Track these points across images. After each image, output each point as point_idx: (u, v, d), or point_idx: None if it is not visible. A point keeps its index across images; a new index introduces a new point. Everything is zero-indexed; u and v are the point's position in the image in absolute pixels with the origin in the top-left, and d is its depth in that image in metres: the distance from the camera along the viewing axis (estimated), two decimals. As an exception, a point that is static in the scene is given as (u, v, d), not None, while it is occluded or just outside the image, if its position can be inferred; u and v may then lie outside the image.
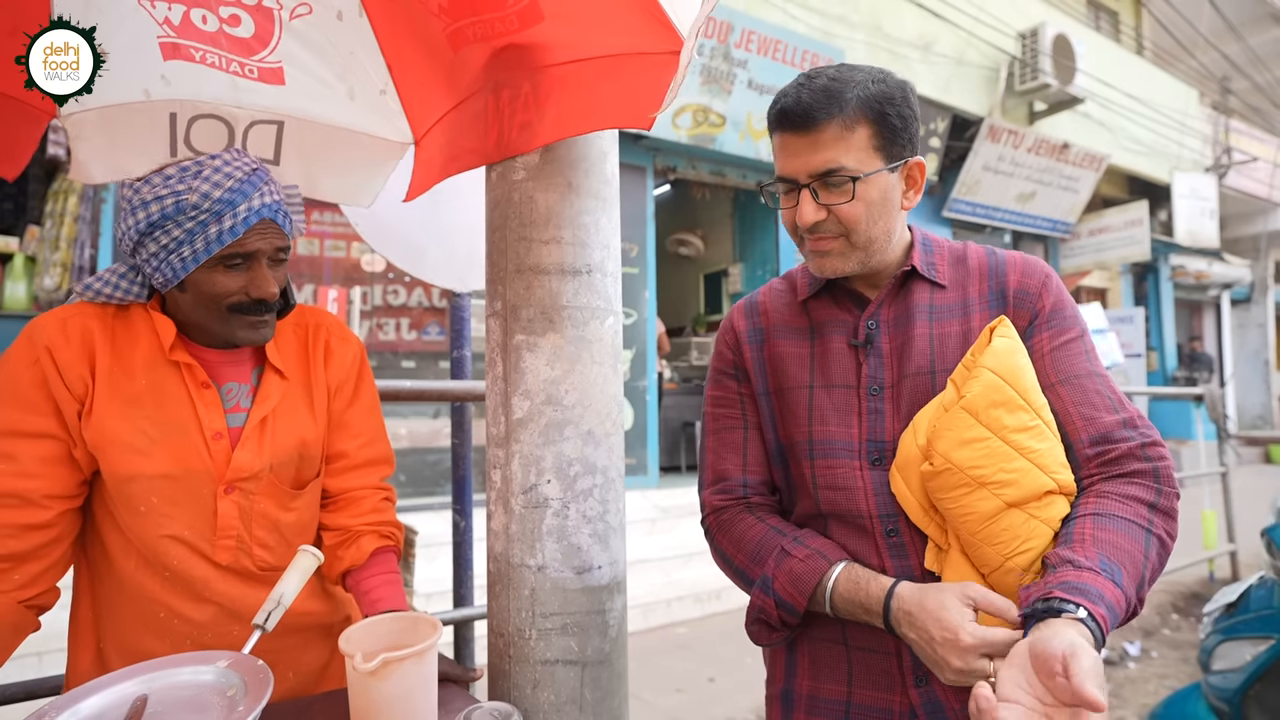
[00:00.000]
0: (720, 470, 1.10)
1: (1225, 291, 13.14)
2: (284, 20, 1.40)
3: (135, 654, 1.07)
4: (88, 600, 1.14)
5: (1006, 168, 8.57)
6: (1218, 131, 11.72)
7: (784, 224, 1.04)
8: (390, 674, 0.90)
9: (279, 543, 1.16)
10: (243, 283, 1.09)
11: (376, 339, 5.47)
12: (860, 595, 0.94)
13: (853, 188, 0.95)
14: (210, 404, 1.11)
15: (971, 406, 0.90)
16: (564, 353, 1.09)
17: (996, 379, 0.90)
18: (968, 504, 0.89)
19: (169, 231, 1.04)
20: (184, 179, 1.06)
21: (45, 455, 1.04)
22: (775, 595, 0.98)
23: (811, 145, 0.95)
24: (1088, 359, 0.98)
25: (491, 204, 1.17)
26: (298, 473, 1.19)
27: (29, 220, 4.79)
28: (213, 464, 1.10)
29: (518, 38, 1.13)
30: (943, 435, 0.91)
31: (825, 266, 1.01)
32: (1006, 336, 0.95)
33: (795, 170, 0.97)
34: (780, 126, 0.98)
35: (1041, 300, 1.01)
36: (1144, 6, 11.86)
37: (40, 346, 1.06)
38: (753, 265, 8.06)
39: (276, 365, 1.17)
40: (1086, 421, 0.93)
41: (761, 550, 1.02)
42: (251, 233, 1.08)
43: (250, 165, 1.11)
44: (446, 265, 2.08)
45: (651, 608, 4.66)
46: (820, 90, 0.94)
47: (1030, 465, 0.89)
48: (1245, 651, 1.90)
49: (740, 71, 6.31)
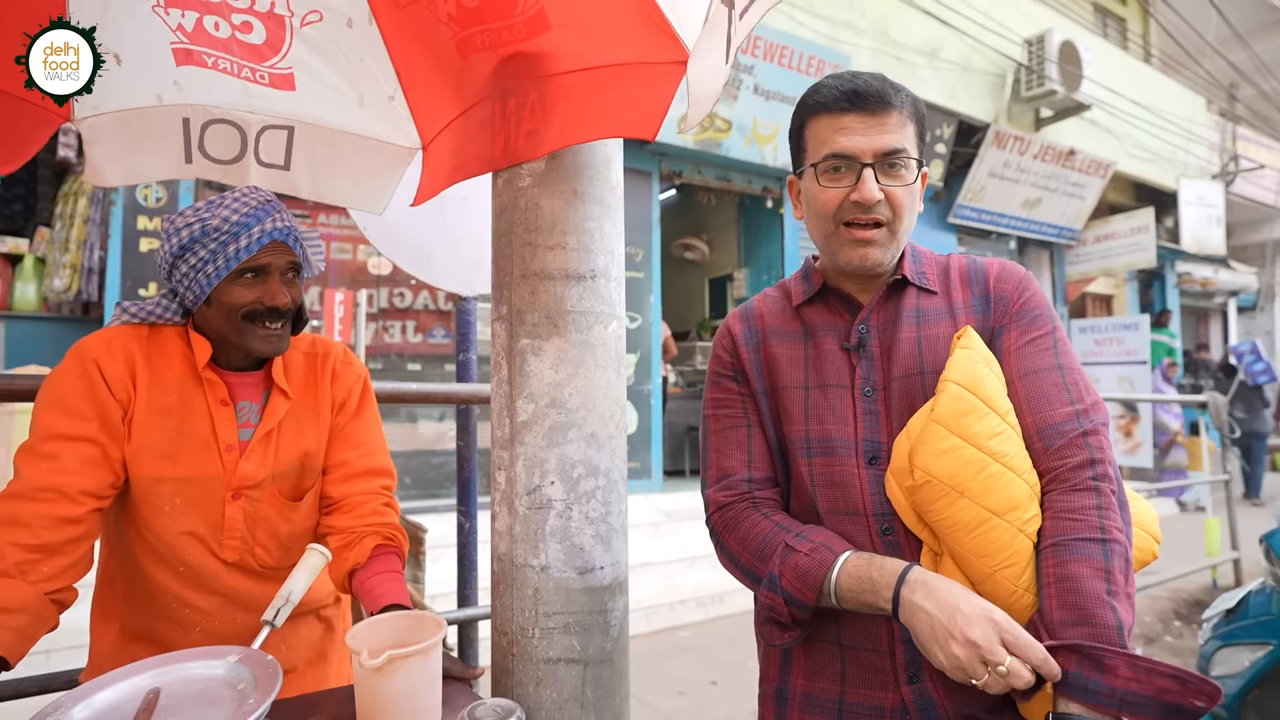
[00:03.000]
0: (724, 467, 1.10)
1: (1232, 299, 13.10)
2: (295, 27, 1.42)
3: (148, 637, 1.24)
4: (109, 594, 1.27)
5: (1012, 174, 8.56)
6: (1225, 138, 11.68)
7: (819, 207, 1.03)
8: (396, 670, 0.92)
9: (277, 547, 1.29)
10: (258, 293, 1.22)
11: (382, 341, 5.49)
12: (872, 570, 0.92)
13: (914, 170, 1.00)
14: (226, 419, 1.24)
15: (941, 418, 0.92)
16: (568, 357, 1.11)
17: (960, 389, 0.93)
18: (952, 515, 0.91)
19: (196, 253, 1.19)
20: (209, 208, 1.21)
21: (85, 456, 1.13)
22: (784, 592, 0.97)
23: (880, 126, 0.99)
24: (1054, 354, 1.00)
25: (498, 210, 1.19)
26: (299, 481, 1.31)
27: (39, 222, 4.83)
28: (224, 472, 1.23)
29: (525, 46, 1.15)
30: (920, 450, 0.93)
31: (868, 256, 1.02)
32: (967, 348, 0.97)
33: (860, 149, 0.99)
34: (842, 107, 1.00)
35: (1013, 300, 1.04)
36: (1151, 13, 11.85)
37: (89, 359, 1.18)
38: (758, 270, 8.07)
39: (283, 387, 1.30)
40: (1035, 415, 0.96)
41: (766, 547, 1.01)
42: (264, 251, 1.22)
43: (264, 197, 1.25)
44: (453, 269, 2.10)
45: (654, 611, 4.67)
46: (884, 80, 1.00)
47: (1004, 469, 0.91)
48: (1243, 657, 1.90)
49: (746, 77, 6.33)
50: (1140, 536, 1.05)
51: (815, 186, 1.03)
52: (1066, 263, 10.31)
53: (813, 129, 1.03)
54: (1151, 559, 1.05)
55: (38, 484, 1.08)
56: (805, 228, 1.14)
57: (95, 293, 4.49)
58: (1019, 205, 8.92)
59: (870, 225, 1.01)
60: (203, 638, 1.23)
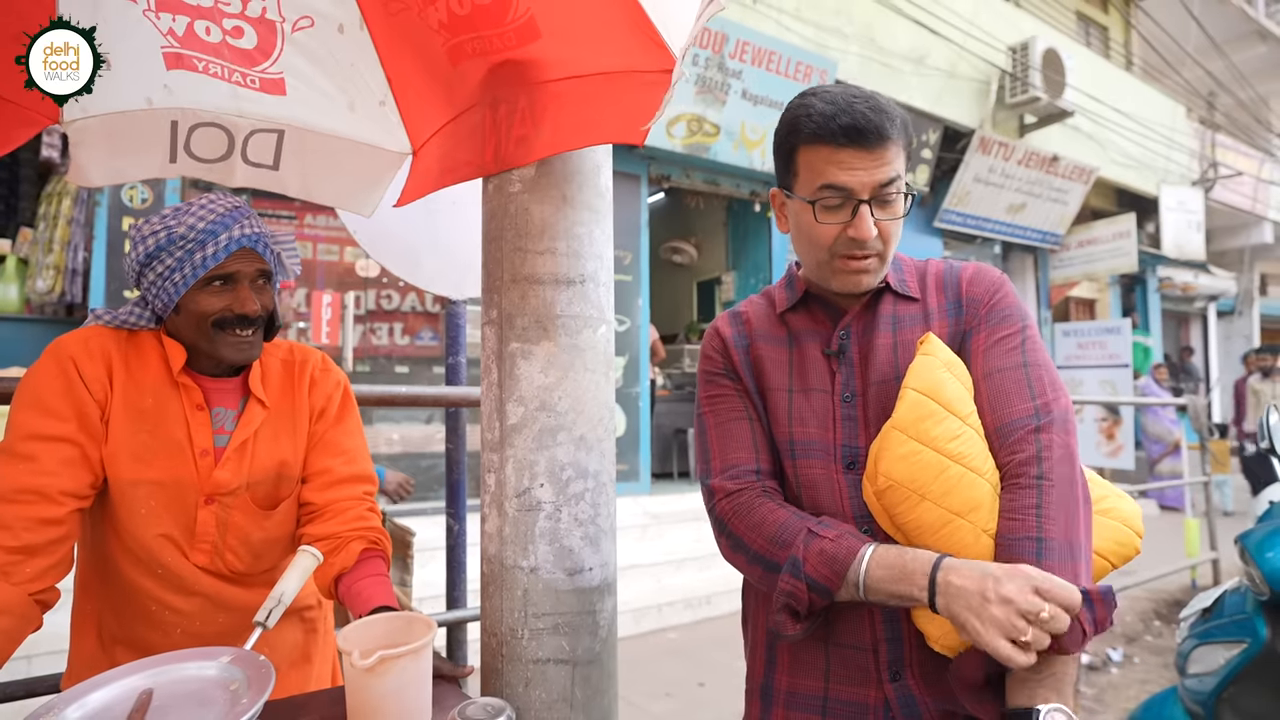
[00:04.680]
0: (731, 458, 1.08)
1: (1212, 303, 13.28)
2: (286, 32, 1.43)
3: (130, 641, 1.23)
4: (88, 597, 1.26)
5: (997, 179, 8.65)
6: (1204, 146, 11.85)
7: (815, 238, 1.02)
8: (387, 671, 0.92)
9: (248, 553, 1.28)
10: (227, 301, 1.21)
11: (370, 344, 5.47)
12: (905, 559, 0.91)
13: (904, 203, 1.00)
14: (201, 424, 1.24)
15: (900, 424, 0.94)
16: (557, 360, 1.12)
17: (919, 395, 0.95)
18: (916, 517, 0.93)
19: (163, 260, 1.18)
20: (176, 215, 1.20)
21: (64, 457, 1.12)
22: (807, 577, 0.95)
23: (877, 160, 0.97)
24: (1020, 352, 1.00)
25: (488, 215, 1.20)
26: (275, 490, 1.30)
27: (21, 222, 4.78)
28: (197, 477, 1.22)
29: (515, 54, 1.17)
30: (882, 455, 0.95)
31: (861, 284, 1.04)
32: (928, 354, 0.99)
33: (858, 185, 0.98)
34: (843, 141, 0.97)
35: (984, 303, 1.05)
36: (1132, 23, 12.01)
37: (66, 358, 1.17)
38: (745, 274, 8.10)
39: (259, 395, 1.29)
40: (994, 414, 0.97)
41: (785, 533, 0.99)
42: (232, 258, 1.21)
43: (232, 203, 1.24)
44: (443, 273, 2.11)
45: (643, 613, 4.68)
46: (879, 108, 0.97)
47: (964, 470, 0.93)
48: (1219, 655, 1.94)
49: (735, 82, 6.36)
50: (1121, 531, 1.06)
51: (808, 217, 1.02)
52: (1050, 267, 10.42)
53: (806, 157, 1.01)
54: (1134, 554, 1.06)
55: (16, 486, 1.07)
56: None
57: (79, 294, 4.45)
58: (1003, 210, 9.02)
59: (868, 257, 1.02)
60: (185, 639, 1.22)
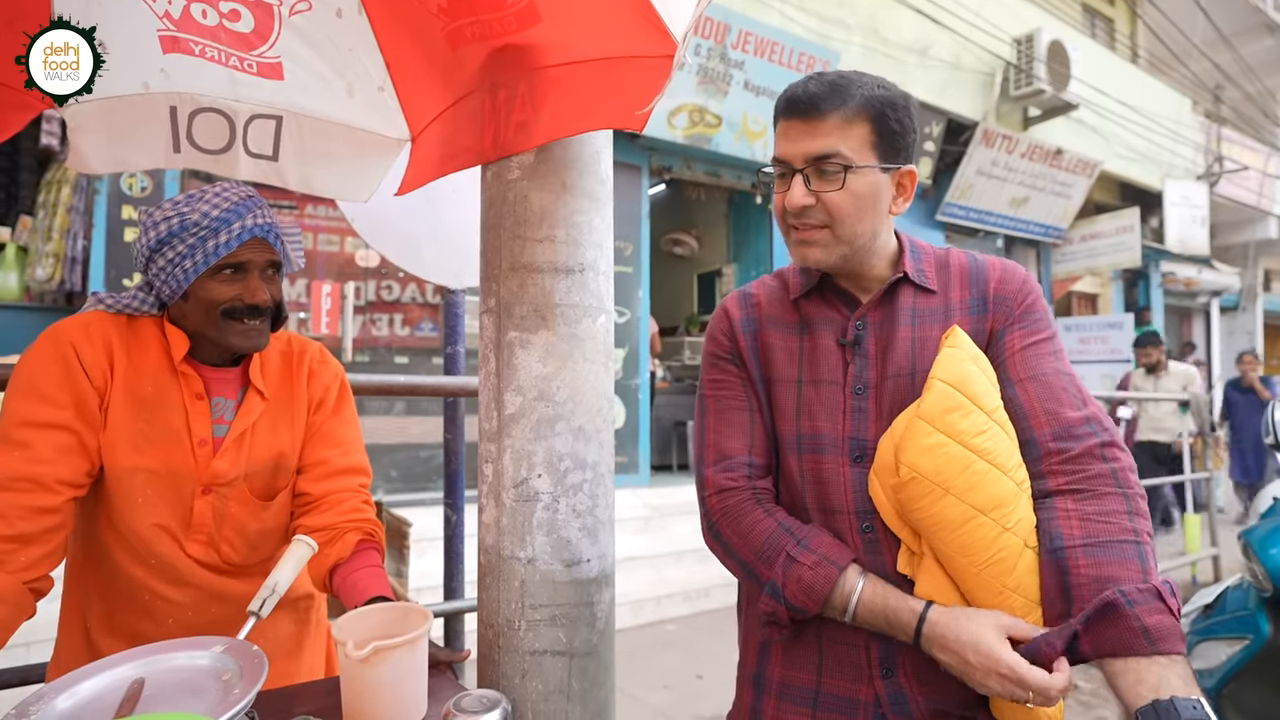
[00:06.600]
0: (724, 449, 1.08)
1: (1215, 299, 13.23)
2: (284, 16, 1.41)
3: (124, 632, 1.21)
4: (78, 587, 1.24)
5: (1000, 172, 8.61)
6: (1209, 140, 11.79)
7: (774, 211, 1.07)
8: (382, 661, 0.92)
9: (244, 545, 1.27)
10: (237, 290, 1.21)
11: (370, 334, 5.46)
12: (889, 613, 0.95)
13: (844, 176, 0.99)
14: (200, 413, 1.23)
15: (927, 415, 0.93)
16: (556, 350, 1.11)
17: (947, 387, 0.93)
18: (937, 512, 0.92)
19: (174, 247, 1.18)
20: (189, 202, 1.20)
21: (60, 444, 1.11)
22: (787, 603, 0.98)
23: (811, 132, 0.99)
24: (1055, 359, 1.02)
25: (487, 203, 1.19)
26: (272, 480, 1.29)
27: (21, 210, 4.77)
28: (195, 466, 1.21)
29: (515, 38, 1.15)
30: (906, 446, 0.93)
31: (808, 256, 1.04)
32: (955, 347, 0.98)
33: (792, 154, 1.00)
34: (785, 114, 1.02)
35: (1017, 303, 1.04)
36: (1138, 15, 11.93)
37: (65, 343, 1.16)
38: (746, 266, 8.09)
39: (258, 386, 1.29)
40: (1050, 416, 0.96)
41: (769, 548, 1.00)
42: (244, 247, 1.21)
43: (245, 192, 1.24)
44: (441, 262, 2.09)
45: (641, 605, 4.68)
46: (828, 84, 0.99)
47: (989, 466, 0.92)
48: (1221, 651, 1.94)
49: (737, 72, 6.33)
50: None
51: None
52: (1053, 261, 10.40)
53: (775, 134, 1.06)
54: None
55: (11, 473, 1.06)
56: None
57: (79, 282, 4.45)
58: (1006, 204, 8.98)
59: (811, 228, 1.02)
60: (177, 629, 1.21)
